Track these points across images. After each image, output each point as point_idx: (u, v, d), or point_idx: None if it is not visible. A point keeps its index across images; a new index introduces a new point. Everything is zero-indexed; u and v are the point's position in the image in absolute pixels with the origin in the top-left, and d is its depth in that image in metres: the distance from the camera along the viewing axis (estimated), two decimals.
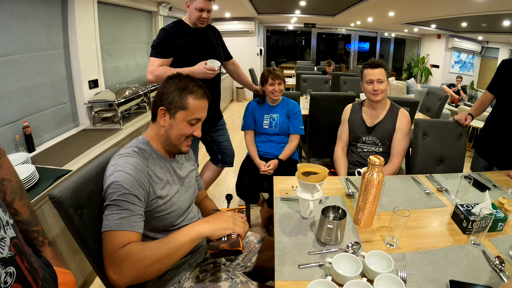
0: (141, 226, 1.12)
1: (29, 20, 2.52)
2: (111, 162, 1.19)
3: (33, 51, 2.57)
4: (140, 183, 1.15)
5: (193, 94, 1.29)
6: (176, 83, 1.30)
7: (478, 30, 7.99)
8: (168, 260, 1.05)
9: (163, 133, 1.31)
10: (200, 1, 2.23)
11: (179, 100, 1.27)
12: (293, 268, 1.19)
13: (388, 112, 2.24)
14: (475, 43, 9.67)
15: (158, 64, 2.23)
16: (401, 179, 1.99)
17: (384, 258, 1.16)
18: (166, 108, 1.29)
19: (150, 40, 5.09)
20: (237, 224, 1.16)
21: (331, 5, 6.70)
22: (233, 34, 8.58)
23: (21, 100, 2.44)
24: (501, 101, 2.27)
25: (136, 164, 1.17)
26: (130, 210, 1.09)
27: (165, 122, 1.30)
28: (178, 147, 1.33)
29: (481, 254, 1.29)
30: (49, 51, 2.74)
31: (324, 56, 12.40)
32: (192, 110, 1.29)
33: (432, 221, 1.54)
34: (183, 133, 1.30)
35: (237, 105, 8.54)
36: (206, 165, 2.94)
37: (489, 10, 4.95)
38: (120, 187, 1.09)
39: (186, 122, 1.29)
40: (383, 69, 2.14)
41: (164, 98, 1.29)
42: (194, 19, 2.30)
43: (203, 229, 1.11)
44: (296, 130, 2.63)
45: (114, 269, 1.01)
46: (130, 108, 3.36)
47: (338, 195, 1.77)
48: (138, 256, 1.02)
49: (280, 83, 2.53)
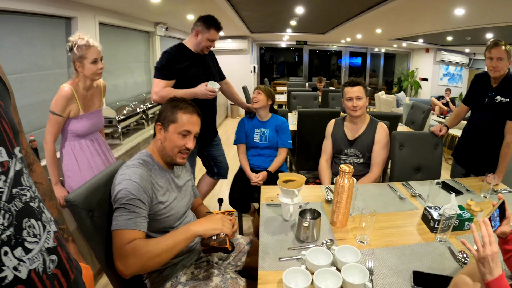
0: (145, 226, 1.32)
1: (35, 40, 2.71)
2: (119, 172, 1.38)
3: (39, 69, 2.76)
4: (145, 190, 1.35)
5: (182, 109, 1.51)
6: (170, 103, 1.54)
7: (463, 43, 8.22)
8: (166, 254, 1.24)
9: (159, 145, 1.52)
10: (213, 33, 2.47)
11: (171, 115, 1.50)
12: (274, 261, 1.38)
13: (368, 126, 2.44)
14: (462, 56, 9.96)
15: (163, 86, 2.42)
16: (378, 186, 2.19)
17: (353, 251, 1.34)
18: (161, 123, 1.51)
19: (147, 59, 5.30)
20: (225, 225, 1.35)
21: (321, 23, 6.96)
22: (227, 52, 8.75)
23: (28, 116, 2.61)
24: (476, 112, 2.46)
25: (141, 174, 1.37)
26: (136, 213, 1.29)
27: (161, 135, 1.51)
28: (173, 158, 1.53)
29: (447, 250, 1.46)
30: (53, 70, 2.92)
31: (317, 72, 12.64)
32: (181, 123, 1.49)
33: (403, 222, 1.72)
34: (176, 144, 1.50)
35: (231, 121, 8.71)
36: (202, 178, 3.11)
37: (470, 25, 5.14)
38: (128, 193, 1.29)
39: (177, 134, 1.49)
40: (362, 87, 2.35)
41: (160, 115, 1.53)
42: (202, 47, 2.51)
43: (196, 228, 1.31)
44: (284, 144, 2.83)
45: (121, 261, 1.21)
46: (129, 124, 3.54)
47: (318, 201, 1.96)
48: (141, 250, 1.21)
49: (259, 92, 2.74)
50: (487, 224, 1.03)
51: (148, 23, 5.00)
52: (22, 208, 0.69)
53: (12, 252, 0.64)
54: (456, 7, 3.94)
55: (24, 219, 0.69)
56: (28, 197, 0.72)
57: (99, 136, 2.33)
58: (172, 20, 5.32)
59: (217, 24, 2.49)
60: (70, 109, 2.03)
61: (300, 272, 1.21)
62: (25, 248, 0.67)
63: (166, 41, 5.79)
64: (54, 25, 2.96)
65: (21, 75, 2.57)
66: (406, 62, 11.76)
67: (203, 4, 3.98)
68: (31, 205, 0.72)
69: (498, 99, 2.23)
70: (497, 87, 2.26)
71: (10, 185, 0.67)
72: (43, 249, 0.72)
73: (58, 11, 2.92)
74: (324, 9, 5.10)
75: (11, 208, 0.66)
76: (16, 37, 2.52)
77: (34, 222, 0.72)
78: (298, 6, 4.81)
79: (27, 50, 2.63)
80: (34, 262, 0.68)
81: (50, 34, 2.91)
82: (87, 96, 2.15)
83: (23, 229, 0.68)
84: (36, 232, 0.71)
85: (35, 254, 0.69)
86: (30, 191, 0.73)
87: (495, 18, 4.37)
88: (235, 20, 5.81)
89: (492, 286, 0.93)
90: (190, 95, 2.37)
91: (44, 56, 2.83)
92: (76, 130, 2.11)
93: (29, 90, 2.66)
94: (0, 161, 0.66)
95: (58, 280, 0.75)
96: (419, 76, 10.93)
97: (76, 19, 3.16)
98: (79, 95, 2.07)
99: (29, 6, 2.56)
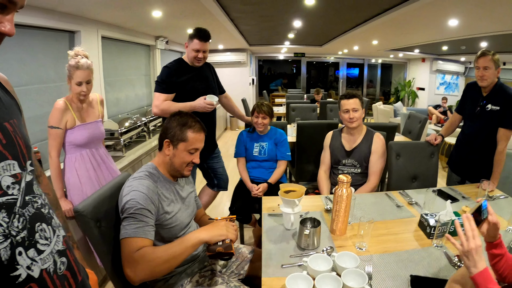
0: (153, 234, 1.38)
1: (39, 53, 2.79)
2: (126, 183, 1.45)
3: (42, 82, 2.82)
4: (152, 200, 1.41)
5: (192, 128, 1.56)
6: (177, 119, 1.58)
7: (459, 52, 8.31)
8: (174, 260, 1.30)
9: (168, 160, 1.58)
10: (196, 43, 2.50)
11: (180, 134, 1.55)
12: (276, 268, 1.43)
13: (364, 137, 2.51)
14: (458, 64, 10.07)
15: (163, 99, 2.49)
16: (375, 195, 2.25)
17: (352, 257, 1.40)
18: (170, 140, 1.56)
19: (148, 72, 5.39)
20: (229, 231, 1.42)
21: (318, 36, 7.08)
22: (226, 65, 8.85)
23: (31, 128, 2.64)
24: (468, 121, 2.53)
25: (148, 185, 1.43)
26: (144, 222, 1.34)
27: (170, 152, 1.57)
28: (181, 172, 1.60)
29: (443, 255, 1.52)
30: (56, 82, 2.99)
31: (315, 83, 12.80)
32: (191, 142, 1.56)
33: (401, 229, 1.78)
34: (184, 161, 1.57)
35: (230, 134, 8.77)
36: (203, 190, 3.16)
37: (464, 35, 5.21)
38: (136, 203, 1.35)
39: (186, 152, 1.57)
40: (357, 99, 2.43)
41: (168, 132, 1.57)
42: (191, 58, 2.56)
43: (202, 235, 1.37)
44: (283, 156, 2.89)
45: (130, 268, 1.26)
46: (131, 136, 3.61)
47: (318, 210, 2.03)
48: (150, 257, 1.27)
49: (264, 117, 2.77)
50: (470, 219, 1.08)
51: (149, 37, 5.11)
52: (34, 214, 0.76)
53: (26, 253, 0.71)
54: (449, 18, 4.04)
55: (36, 223, 0.76)
56: (39, 204, 0.79)
57: (101, 147, 2.38)
58: (172, 33, 5.43)
59: (200, 34, 2.48)
60: (66, 120, 2.09)
61: (302, 278, 1.27)
62: (37, 249, 0.74)
63: (166, 54, 5.90)
64: (57, 39, 3.04)
65: (26, 88, 2.63)
66: (403, 72, 11.87)
67: (202, 18, 4.08)
68: (42, 211, 0.80)
69: (489, 108, 2.31)
70: (488, 95, 2.33)
71: (22, 193, 0.74)
72: (53, 251, 0.79)
73: (62, 25, 3.01)
74: (321, 23, 5.21)
75: (25, 213, 0.73)
76: (20, 50, 2.59)
77: (45, 226, 0.79)
78: (295, 20, 4.92)
79: (31, 63, 2.70)
80: (45, 263, 0.75)
81: (54, 47, 2.98)
82: (83, 107, 2.22)
83: (36, 232, 0.75)
84: (47, 236, 0.78)
85: (46, 255, 0.76)
86: (41, 199, 0.81)
87: (488, 27, 4.47)
88: (234, 33, 5.92)
89: (477, 279, 0.98)
90: (189, 108, 2.43)
91: (48, 69, 2.90)
92: (75, 140, 2.16)
93: (33, 103, 2.72)
94: (14, 173, 0.73)
95: (68, 281, 0.82)
96: (416, 85, 11.03)
97: (80, 33, 3.26)
98: (73, 107, 2.14)
99: (33, 20, 2.65)
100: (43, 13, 2.73)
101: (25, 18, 2.57)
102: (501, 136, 2.28)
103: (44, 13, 2.74)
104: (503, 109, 2.25)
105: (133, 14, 3.61)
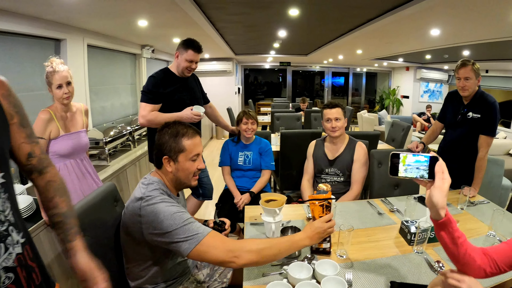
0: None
1: (25, 61, 2.77)
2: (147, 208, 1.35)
3: (28, 90, 2.81)
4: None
5: (185, 135, 1.48)
6: (168, 132, 1.49)
7: (442, 60, 8.53)
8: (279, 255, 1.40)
9: (172, 177, 1.52)
10: (191, 54, 2.52)
11: (176, 145, 1.47)
12: (258, 276, 1.45)
13: (347, 146, 2.55)
14: (441, 73, 10.31)
15: (149, 110, 2.49)
16: (358, 203, 2.28)
17: (332, 265, 1.42)
18: (168, 156, 1.48)
19: (134, 81, 5.37)
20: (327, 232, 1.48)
21: (303, 46, 7.19)
22: (211, 74, 8.84)
23: None
24: (450, 129, 2.60)
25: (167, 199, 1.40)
26: (196, 222, 1.35)
27: (171, 167, 1.49)
28: (188, 183, 1.56)
29: (423, 261, 1.55)
30: (42, 90, 2.93)
31: (301, 92, 12.85)
32: (189, 149, 1.48)
33: (382, 237, 1.81)
34: (190, 171, 1.51)
35: (216, 143, 8.69)
36: (188, 199, 3.13)
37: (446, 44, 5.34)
38: (175, 215, 1.32)
39: (188, 161, 1.49)
40: (340, 108, 2.47)
41: (163, 147, 1.48)
42: (182, 68, 2.58)
43: (306, 243, 1.43)
44: (267, 166, 2.92)
45: (233, 253, 1.29)
46: (116, 146, 3.59)
47: (300, 219, 2.04)
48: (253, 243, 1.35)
49: (253, 122, 2.83)
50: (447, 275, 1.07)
51: (135, 45, 5.11)
52: None
53: None
54: (431, 28, 4.15)
55: None
56: None
57: (85, 157, 2.36)
58: (159, 42, 5.44)
59: (194, 45, 2.53)
60: (50, 130, 2.09)
61: (282, 286, 1.28)
62: None
63: (152, 63, 5.90)
64: (43, 47, 3.03)
65: None
66: (388, 81, 12.08)
67: (189, 28, 4.11)
68: None
69: (470, 115, 2.38)
70: (469, 104, 2.40)
71: None
72: None
73: (48, 33, 3.00)
74: (306, 33, 5.29)
75: None
76: (7, 57, 2.57)
77: None
78: (280, 29, 4.99)
79: (17, 70, 2.69)
80: None
81: (40, 55, 2.96)
82: (67, 117, 2.21)
83: None
84: None
85: None
86: (2, 215, 0.84)
87: (469, 36, 4.58)
88: (219, 43, 5.97)
89: None
90: (176, 119, 2.39)
91: (34, 77, 2.88)
92: (59, 150, 2.15)
93: None
94: None
95: None
96: (400, 93, 11.22)
97: (65, 41, 3.25)
98: (57, 116, 2.14)
99: (19, 27, 2.64)
100: (29, 21, 2.73)
101: (11, 26, 2.56)
102: (482, 143, 2.35)
103: (30, 21, 2.73)
104: (483, 116, 2.32)
105: (119, 23, 3.62)
